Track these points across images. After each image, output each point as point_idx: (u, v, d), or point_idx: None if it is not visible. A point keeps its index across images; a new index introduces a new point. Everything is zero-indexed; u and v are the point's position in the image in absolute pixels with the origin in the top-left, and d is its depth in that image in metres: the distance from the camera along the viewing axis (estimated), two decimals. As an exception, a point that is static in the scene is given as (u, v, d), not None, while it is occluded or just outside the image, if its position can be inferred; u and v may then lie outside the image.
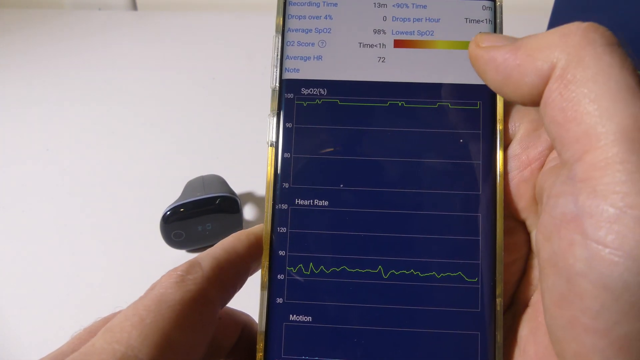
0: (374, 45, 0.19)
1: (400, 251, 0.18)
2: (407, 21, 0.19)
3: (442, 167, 0.18)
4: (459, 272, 0.18)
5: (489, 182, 0.18)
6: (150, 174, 0.49)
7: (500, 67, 0.16)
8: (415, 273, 0.18)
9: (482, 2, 0.19)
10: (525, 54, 0.15)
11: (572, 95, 0.14)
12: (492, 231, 0.18)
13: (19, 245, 0.43)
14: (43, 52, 0.69)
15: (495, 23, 0.19)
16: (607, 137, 0.13)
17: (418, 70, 0.19)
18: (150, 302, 0.15)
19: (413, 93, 0.19)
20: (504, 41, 0.16)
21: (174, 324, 0.15)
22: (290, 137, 0.19)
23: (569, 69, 0.14)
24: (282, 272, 0.18)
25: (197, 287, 0.16)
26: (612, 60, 0.13)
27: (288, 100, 0.19)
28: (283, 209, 0.19)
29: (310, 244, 0.18)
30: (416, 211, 0.18)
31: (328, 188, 0.19)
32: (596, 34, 0.14)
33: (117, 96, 0.61)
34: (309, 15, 0.20)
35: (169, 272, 0.17)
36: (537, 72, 0.15)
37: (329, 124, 0.19)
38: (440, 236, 0.18)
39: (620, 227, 0.12)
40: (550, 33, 0.15)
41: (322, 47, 0.19)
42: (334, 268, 0.18)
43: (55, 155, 0.53)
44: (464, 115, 0.19)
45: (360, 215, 0.18)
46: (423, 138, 0.19)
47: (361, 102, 0.19)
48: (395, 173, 0.19)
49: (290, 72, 0.19)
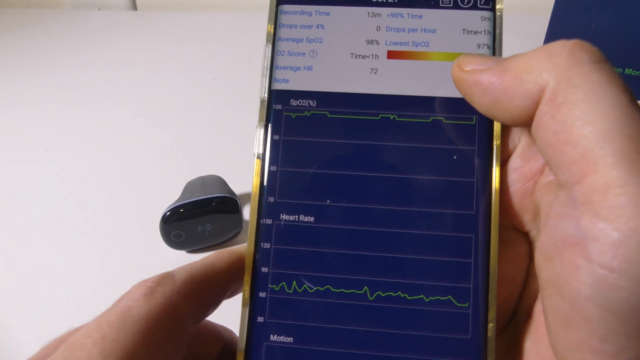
0: (366, 56, 0.18)
1: (387, 272, 0.17)
2: (402, 32, 0.19)
3: (434, 185, 0.18)
4: (449, 296, 0.17)
5: (484, 202, 0.17)
6: (150, 174, 0.49)
7: (487, 91, 0.15)
8: (403, 295, 0.17)
9: (481, 13, 0.19)
10: (512, 77, 0.15)
11: (565, 117, 0.13)
12: (486, 253, 0.17)
13: (18, 246, 0.43)
14: (43, 52, 0.69)
15: (494, 34, 0.19)
16: (606, 160, 0.12)
17: (412, 82, 0.18)
18: (114, 317, 0.14)
19: (406, 106, 0.18)
20: (488, 63, 0.16)
21: (139, 340, 0.14)
22: (277, 150, 0.18)
23: (558, 90, 0.14)
24: (264, 290, 0.18)
25: (165, 300, 0.15)
26: (602, 78, 0.13)
27: (276, 112, 0.18)
28: (267, 223, 0.18)
29: (294, 261, 0.18)
30: (406, 230, 0.17)
31: (314, 203, 0.18)
32: (582, 52, 0.14)
33: (117, 96, 0.61)
34: (300, 24, 0.19)
35: (140, 282, 0.16)
36: (526, 96, 0.14)
37: (318, 137, 0.18)
38: (430, 257, 0.17)
39: (626, 251, 0.12)
40: (535, 53, 0.15)
41: (313, 58, 0.19)
42: (318, 287, 0.17)
43: (55, 155, 0.53)
44: (458, 131, 0.18)
45: (347, 232, 0.18)
46: (415, 153, 0.18)
47: (351, 114, 0.18)
48: (385, 190, 0.18)
49: (280, 83, 0.19)
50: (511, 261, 0.18)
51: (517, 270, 0.18)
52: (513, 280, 0.18)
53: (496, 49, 0.19)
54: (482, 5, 0.19)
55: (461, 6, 0.19)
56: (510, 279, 0.18)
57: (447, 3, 0.19)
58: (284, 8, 0.19)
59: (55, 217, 0.45)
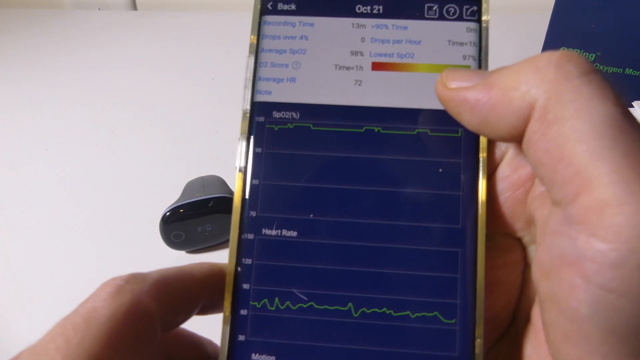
0: (350, 67, 0.18)
1: (372, 288, 0.17)
2: (387, 43, 0.18)
3: (419, 198, 0.17)
4: (436, 312, 0.17)
5: (470, 215, 0.17)
6: (149, 175, 0.49)
7: (475, 110, 0.15)
8: (388, 312, 0.17)
9: (466, 24, 0.18)
10: (500, 94, 0.14)
11: (556, 135, 0.13)
12: (473, 268, 0.17)
13: (18, 246, 0.43)
14: (43, 52, 0.69)
15: (480, 46, 0.18)
16: (601, 179, 0.12)
17: (396, 94, 0.18)
18: (79, 319, 0.14)
19: (390, 119, 0.18)
20: (473, 78, 0.15)
21: (104, 343, 0.13)
22: (259, 163, 0.18)
23: (548, 107, 0.13)
24: (246, 307, 0.17)
25: (133, 299, 0.14)
26: (592, 92, 0.13)
27: (259, 124, 0.18)
28: (249, 238, 0.17)
29: (277, 277, 0.17)
30: (391, 245, 0.17)
31: (297, 217, 0.17)
32: (570, 65, 0.13)
33: (117, 96, 0.61)
34: (284, 35, 0.19)
35: (108, 280, 0.15)
36: (515, 114, 0.14)
37: (301, 150, 0.18)
38: (416, 272, 0.17)
39: (625, 272, 0.12)
40: (522, 67, 0.14)
41: (297, 69, 0.18)
42: (301, 304, 0.17)
43: (54, 155, 0.53)
44: (444, 143, 0.18)
45: (330, 247, 0.17)
46: (400, 166, 0.17)
47: (335, 127, 0.18)
48: (369, 203, 0.17)
49: (262, 95, 0.18)
50: (507, 267, 0.17)
51: (514, 276, 0.18)
52: (511, 286, 0.18)
53: (482, 61, 0.18)
54: (468, 16, 0.18)
55: (446, 17, 0.18)
56: (508, 284, 0.17)
57: (432, 14, 0.18)
58: (267, 19, 0.19)
59: (55, 217, 0.45)
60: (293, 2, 0.19)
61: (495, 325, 0.18)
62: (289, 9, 0.19)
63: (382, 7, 0.19)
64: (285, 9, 0.19)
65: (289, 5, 0.19)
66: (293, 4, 0.19)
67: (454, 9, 0.18)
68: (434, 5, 0.18)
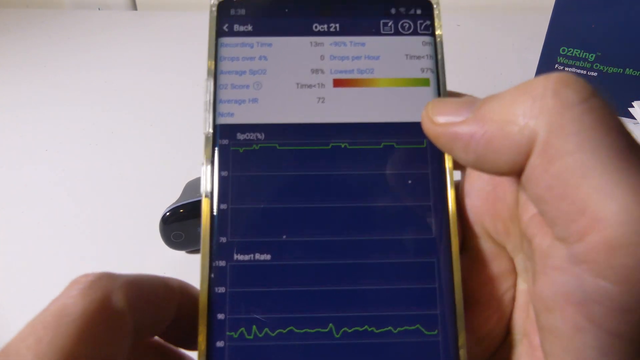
0: (312, 85, 0.18)
1: (352, 306, 0.16)
2: (346, 59, 0.18)
3: (391, 211, 0.17)
4: (417, 324, 0.16)
5: (442, 224, 0.17)
6: (149, 175, 0.49)
7: (470, 147, 0.14)
8: (370, 329, 0.16)
9: (422, 38, 0.19)
10: (496, 128, 0.14)
11: (559, 171, 0.12)
12: (450, 276, 0.17)
13: (18, 246, 0.43)
14: (43, 52, 0.69)
15: (436, 59, 0.18)
16: (609, 219, 0.11)
17: (360, 109, 0.18)
18: (50, 318, 0.14)
19: (356, 134, 0.18)
20: (461, 111, 0.15)
21: (75, 340, 0.13)
22: (226, 187, 0.17)
23: (550, 140, 0.12)
24: (222, 339, 0.16)
25: (104, 296, 0.14)
26: (594, 121, 0.12)
27: (223, 147, 0.18)
28: (221, 266, 0.17)
29: (253, 304, 0.17)
30: (366, 260, 0.17)
31: (269, 240, 0.17)
32: (568, 91, 0.13)
33: (117, 96, 0.61)
34: (242, 56, 0.18)
35: (79, 277, 0.15)
36: (515, 149, 0.13)
37: (268, 171, 0.18)
38: (395, 286, 0.17)
39: (635, 317, 0.11)
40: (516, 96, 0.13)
41: (258, 89, 0.18)
42: (280, 330, 0.16)
43: (55, 155, 0.52)
44: (410, 155, 0.18)
45: (306, 268, 0.17)
46: (369, 181, 0.17)
47: (302, 145, 0.18)
48: (342, 220, 0.17)
49: (224, 117, 0.18)
50: (496, 280, 0.17)
51: (504, 289, 0.17)
52: (502, 300, 0.17)
53: (439, 73, 0.18)
54: (422, 31, 0.19)
55: (402, 32, 0.19)
56: (499, 299, 0.17)
57: (388, 30, 0.19)
58: (223, 41, 0.19)
59: (55, 217, 0.45)
60: (249, 23, 0.19)
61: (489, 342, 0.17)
62: (245, 30, 0.19)
63: (338, 25, 0.19)
64: (242, 30, 0.19)
65: (245, 26, 0.19)
66: (249, 25, 0.19)
67: (409, 24, 0.19)
68: (389, 21, 0.19)
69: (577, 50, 0.49)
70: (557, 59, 0.50)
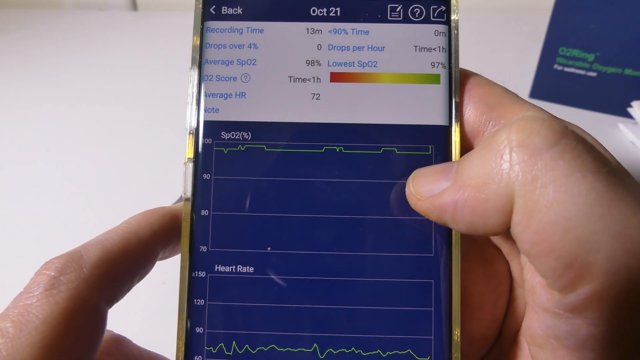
0: (307, 79, 0.16)
1: (338, 326, 0.15)
2: (346, 50, 0.16)
3: (387, 225, 0.16)
4: (408, 349, 0.15)
5: (444, 243, 0.16)
6: (150, 175, 0.49)
7: (457, 216, 0.14)
8: (357, 352, 0.15)
9: (434, 27, 0.16)
10: (474, 194, 0.13)
11: (540, 226, 0.12)
12: (448, 300, 0.15)
13: (18, 246, 0.43)
14: (43, 52, 0.69)
15: (450, 51, 0.16)
16: (598, 270, 0.11)
17: (359, 109, 0.16)
18: (9, 324, 0.12)
19: (353, 136, 0.16)
20: (441, 182, 0.14)
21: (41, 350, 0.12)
22: (208, 191, 0.16)
23: (526, 195, 0.12)
24: (200, 354, 0.15)
25: (71, 294, 0.13)
26: (568, 166, 0.12)
27: (206, 146, 0.16)
28: (200, 277, 0.16)
29: (233, 318, 0.15)
30: (358, 278, 0.15)
31: (253, 251, 0.16)
32: (534, 138, 0.12)
33: (117, 96, 0.61)
34: (230, 43, 0.16)
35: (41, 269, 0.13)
36: (497, 211, 0.13)
37: (254, 175, 0.16)
38: (386, 307, 0.15)
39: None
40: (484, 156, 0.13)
41: (246, 82, 0.16)
42: (261, 347, 0.15)
43: (55, 155, 0.52)
44: (413, 162, 0.16)
45: (291, 283, 0.16)
46: (365, 190, 0.16)
47: (292, 148, 0.16)
48: (333, 233, 0.16)
49: (209, 113, 0.17)
50: (491, 281, 0.16)
51: (498, 292, 0.17)
52: (496, 304, 0.17)
53: (453, 68, 0.16)
54: (436, 17, 0.16)
55: (412, 19, 0.16)
56: (492, 302, 0.17)
57: (396, 16, 0.16)
58: (210, 25, 0.17)
59: (55, 217, 0.45)
60: (239, 5, 0.17)
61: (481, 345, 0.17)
62: (234, 13, 0.17)
63: (339, 9, 0.16)
64: (231, 13, 0.17)
65: (235, 9, 0.17)
66: (239, 7, 0.17)
67: (420, 9, 0.16)
68: (397, 5, 0.16)
69: (577, 51, 0.49)
70: (557, 59, 0.51)
